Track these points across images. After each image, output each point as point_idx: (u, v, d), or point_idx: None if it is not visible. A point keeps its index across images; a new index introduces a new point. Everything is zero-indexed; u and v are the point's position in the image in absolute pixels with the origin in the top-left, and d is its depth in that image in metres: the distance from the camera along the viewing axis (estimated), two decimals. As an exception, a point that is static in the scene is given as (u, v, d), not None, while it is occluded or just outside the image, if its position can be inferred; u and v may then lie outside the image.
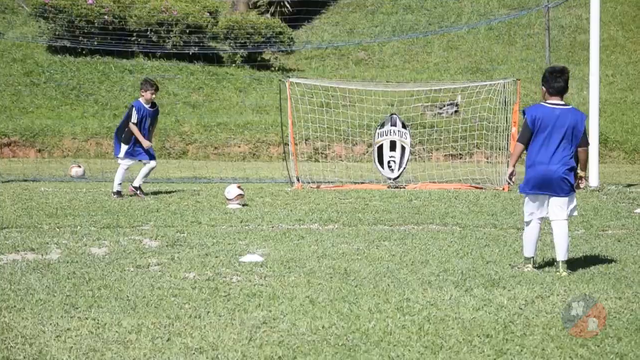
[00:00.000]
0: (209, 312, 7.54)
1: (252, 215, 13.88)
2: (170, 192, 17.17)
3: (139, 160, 16.29)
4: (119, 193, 16.15)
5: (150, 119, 16.15)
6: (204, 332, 6.96)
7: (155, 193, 17.01)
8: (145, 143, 16.00)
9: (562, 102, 9.43)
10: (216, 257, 10.07)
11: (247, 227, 12.62)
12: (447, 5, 40.73)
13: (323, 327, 7.15)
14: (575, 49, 36.46)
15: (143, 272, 9.18)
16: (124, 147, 16.11)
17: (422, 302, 8.00)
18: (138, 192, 16.25)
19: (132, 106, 16.13)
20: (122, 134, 16.13)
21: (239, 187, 15.46)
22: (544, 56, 34.56)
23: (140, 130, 15.96)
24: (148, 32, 32.92)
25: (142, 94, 16.13)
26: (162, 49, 32.71)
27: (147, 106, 16.07)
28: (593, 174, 18.47)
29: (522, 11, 37.81)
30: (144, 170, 16.22)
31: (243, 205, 15.12)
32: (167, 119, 28.36)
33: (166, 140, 28.02)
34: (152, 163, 16.15)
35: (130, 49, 32.57)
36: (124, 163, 16.16)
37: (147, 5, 33.25)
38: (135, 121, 15.92)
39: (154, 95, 16.16)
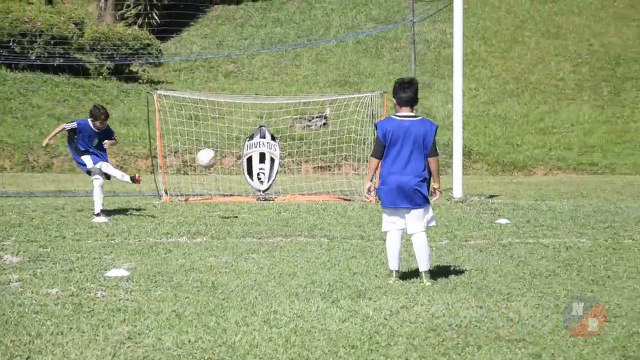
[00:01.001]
0: (71, 328, 7.39)
1: (118, 229, 13.68)
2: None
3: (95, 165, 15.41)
4: (98, 215, 15.04)
5: (96, 139, 15.27)
6: (66, 349, 6.81)
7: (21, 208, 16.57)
8: (44, 141, 15.69)
9: (412, 114, 9.55)
10: (80, 272, 9.88)
11: (113, 242, 12.42)
12: (315, 18, 41.10)
13: (189, 341, 7.10)
14: (440, 62, 37.27)
15: (3, 289, 8.93)
16: (85, 157, 15.30)
17: (289, 314, 8.02)
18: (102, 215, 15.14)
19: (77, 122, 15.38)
20: (75, 149, 15.38)
21: (210, 149, 14.95)
22: (410, 70, 35.19)
23: (83, 147, 15.22)
24: (10, 43, 32.09)
25: (92, 121, 15.17)
26: (25, 60, 31.92)
27: (92, 127, 15.24)
28: (457, 186, 18.92)
29: (389, 25, 38.47)
30: (95, 192, 15.28)
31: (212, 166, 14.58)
32: (31, 131, 27.70)
33: (30, 153, 27.35)
34: (97, 181, 15.35)
35: (-9, 60, 31.69)
36: (96, 182, 15.21)
37: (10, 16, 32.40)
38: (68, 128, 15.19)
39: (103, 125, 15.30)
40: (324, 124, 27.79)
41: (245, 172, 19.54)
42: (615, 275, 10.09)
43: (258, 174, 19.42)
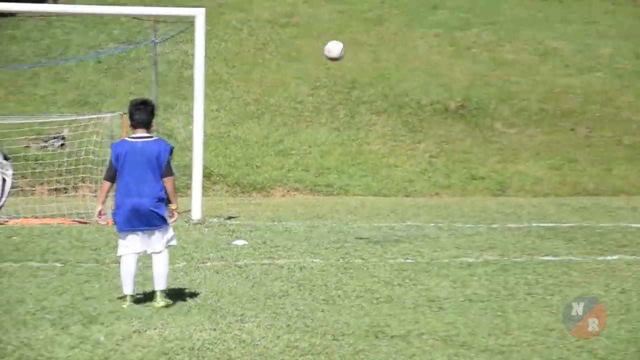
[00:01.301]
0: None
1: None
2: None
3: None
4: None
5: None
6: None
7: None
8: None
9: (147, 135, 9.55)
10: None
11: None
12: (54, 37, 40.03)
13: None
14: (182, 84, 37.23)
15: None
16: None
17: (15, 343, 7.75)
18: None
19: None
20: None
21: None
22: (151, 90, 34.99)
23: None
24: None
25: None
26: None
27: None
28: (196, 207, 18.91)
29: (130, 45, 38.07)
30: None
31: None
32: None
33: None
34: None
35: None
36: None
37: None
38: None
39: None
40: (62, 145, 27.08)
41: (-25, 194, 18.69)
42: (345, 294, 10.43)
43: (-12, 196, 18.61)
